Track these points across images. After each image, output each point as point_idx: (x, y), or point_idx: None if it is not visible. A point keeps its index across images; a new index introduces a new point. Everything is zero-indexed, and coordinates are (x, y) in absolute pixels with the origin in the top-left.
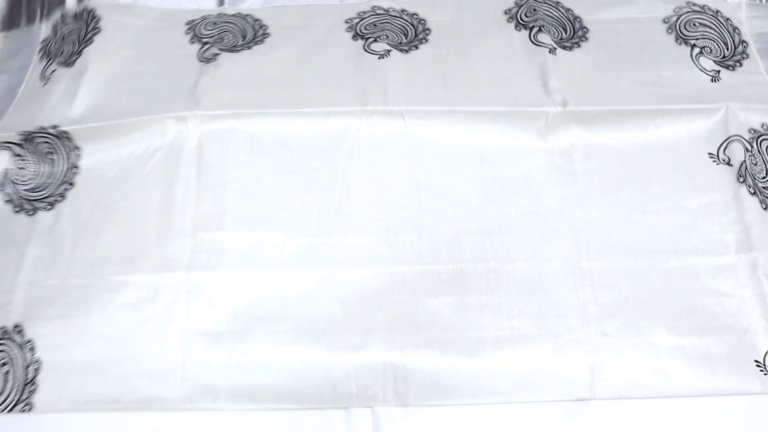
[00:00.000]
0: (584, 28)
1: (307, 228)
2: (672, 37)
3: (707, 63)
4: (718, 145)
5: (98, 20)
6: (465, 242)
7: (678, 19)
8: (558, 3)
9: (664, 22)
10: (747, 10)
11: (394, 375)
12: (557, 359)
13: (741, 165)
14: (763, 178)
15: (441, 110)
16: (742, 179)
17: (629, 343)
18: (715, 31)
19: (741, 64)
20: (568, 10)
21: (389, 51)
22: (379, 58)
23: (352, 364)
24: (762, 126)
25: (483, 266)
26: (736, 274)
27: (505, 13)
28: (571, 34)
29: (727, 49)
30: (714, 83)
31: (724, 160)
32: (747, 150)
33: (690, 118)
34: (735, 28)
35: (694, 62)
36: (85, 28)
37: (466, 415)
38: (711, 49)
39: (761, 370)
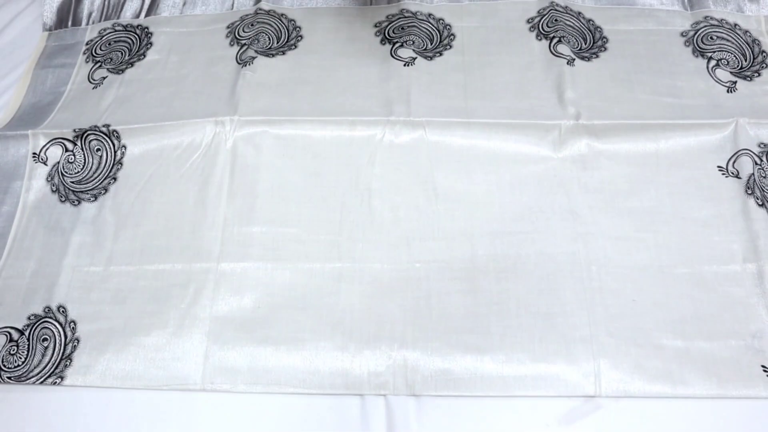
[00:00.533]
0: (604, 38)
1: (329, 226)
2: (689, 50)
3: (723, 74)
4: (728, 159)
5: (151, 36)
6: (478, 243)
7: (696, 33)
8: (579, 14)
9: (682, 35)
10: (766, 22)
11: (404, 365)
12: (564, 357)
13: (749, 178)
14: None
15: (459, 121)
16: (750, 191)
17: (635, 344)
18: (732, 43)
19: (759, 74)
20: (589, 20)
21: (414, 59)
22: (405, 65)
23: (365, 353)
24: None
25: (493, 266)
26: (743, 282)
27: (528, 22)
28: (591, 44)
29: (745, 60)
30: (730, 93)
31: (732, 173)
32: (756, 163)
33: (700, 132)
34: (755, 40)
35: (710, 74)
36: (138, 41)
37: (474, 406)
38: (728, 61)
39: None
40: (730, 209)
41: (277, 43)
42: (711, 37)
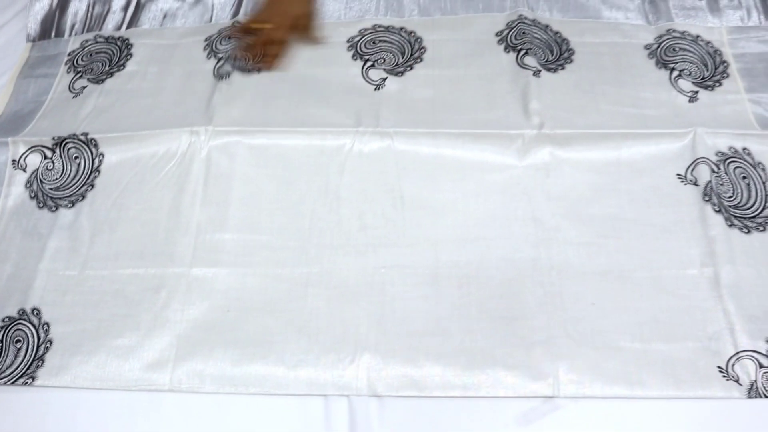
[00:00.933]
0: (570, 50)
1: (299, 233)
2: (653, 61)
3: (686, 84)
4: (686, 167)
5: (131, 47)
6: (442, 250)
7: (659, 46)
8: (547, 26)
9: (646, 48)
10: (727, 33)
11: (367, 367)
12: (523, 359)
13: (707, 185)
14: (730, 197)
15: (426, 131)
16: (707, 198)
17: (593, 346)
18: (695, 54)
19: (720, 84)
20: (556, 33)
21: (385, 79)
22: (375, 89)
23: (329, 356)
24: (729, 149)
25: (456, 272)
26: (701, 286)
27: (497, 35)
28: (558, 55)
29: (707, 70)
30: (691, 103)
31: (691, 181)
32: (713, 171)
33: (660, 141)
34: (716, 50)
35: (672, 84)
36: (118, 53)
37: (435, 407)
38: (690, 72)
39: (724, 376)
40: (688, 215)
41: (253, 60)
42: (674, 49)
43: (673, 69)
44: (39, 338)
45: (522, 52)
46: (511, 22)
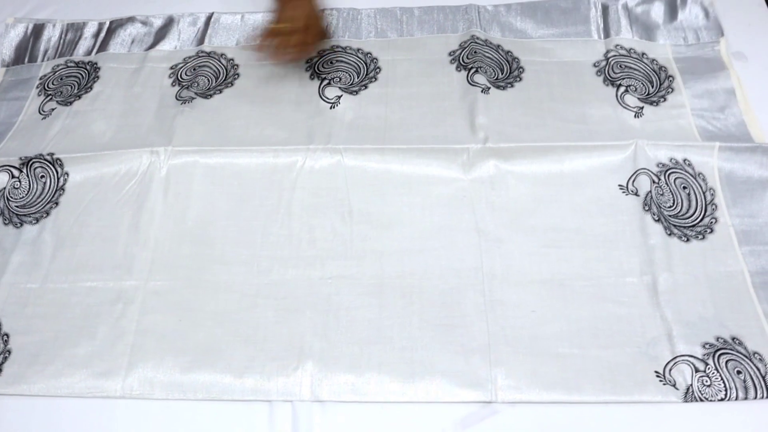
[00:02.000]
0: (520, 68)
1: (251, 246)
2: (600, 79)
3: (632, 100)
4: (627, 178)
5: (99, 70)
6: (387, 261)
7: (607, 62)
8: (499, 46)
9: (594, 65)
10: (673, 51)
11: (311, 374)
12: (462, 365)
13: (647, 195)
14: (670, 207)
15: (375, 148)
16: (647, 208)
17: (532, 353)
18: (640, 71)
19: (665, 99)
20: (508, 51)
21: (340, 97)
22: (330, 108)
23: (275, 363)
24: (670, 160)
25: (399, 282)
26: (640, 294)
27: (449, 54)
28: (507, 74)
29: (652, 87)
30: (637, 119)
31: (632, 191)
32: (654, 182)
33: (602, 153)
34: (661, 67)
35: (618, 101)
36: (87, 75)
37: (376, 411)
38: (636, 88)
39: (661, 381)
40: (629, 225)
41: (215, 82)
42: (620, 66)
43: (619, 86)
44: None
45: (472, 71)
46: (464, 42)
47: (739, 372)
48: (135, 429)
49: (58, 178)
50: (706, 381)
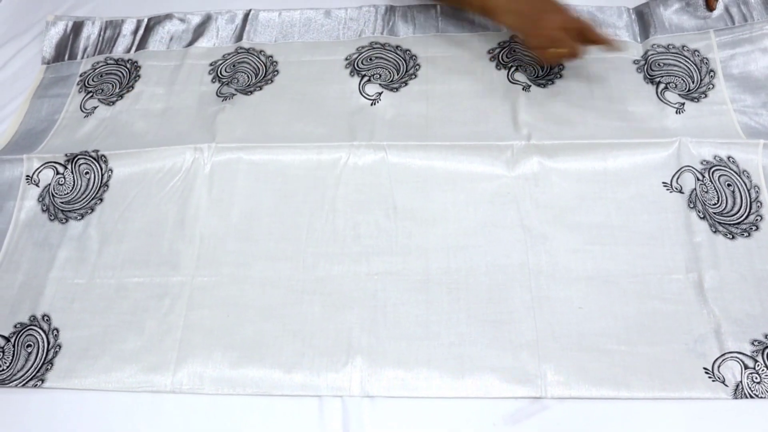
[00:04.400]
0: (561, 65)
1: (296, 243)
2: (641, 76)
3: (672, 97)
4: (672, 175)
5: (139, 69)
6: (432, 257)
7: (646, 61)
8: None
9: (634, 63)
10: (715, 36)
11: (360, 369)
12: (511, 361)
13: (692, 192)
14: (714, 204)
15: (418, 144)
16: (692, 205)
17: (580, 349)
18: (680, 67)
19: (706, 95)
20: None
21: (381, 93)
22: (371, 105)
23: (323, 358)
24: (714, 158)
25: (446, 278)
26: (686, 291)
27: (488, 52)
28: (548, 70)
29: (693, 82)
30: (678, 115)
31: (676, 189)
32: (698, 179)
33: (646, 151)
34: (703, 59)
35: (659, 97)
36: (127, 74)
37: (426, 407)
38: (676, 84)
39: (710, 377)
40: (674, 222)
41: (255, 78)
42: (659, 64)
43: (659, 83)
44: (49, 343)
45: (512, 69)
46: (503, 42)
47: None
48: (184, 424)
49: (102, 175)
50: (756, 378)
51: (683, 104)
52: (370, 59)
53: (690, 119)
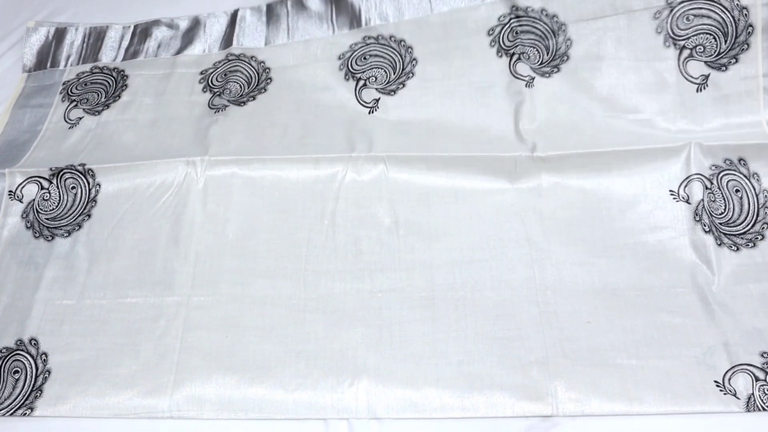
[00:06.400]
0: (569, 40)
1: (296, 260)
2: (661, 37)
3: (695, 67)
4: (679, 183)
5: (126, 78)
6: (437, 273)
7: (670, 13)
8: (543, 10)
9: (655, 17)
10: None
11: (366, 390)
12: (521, 378)
13: (698, 204)
14: (721, 214)
15: (419, 156)
16: (698, 218)
17: (591, 364)
18: (713, 18)
19: (737, 60)
20: (553, 17)
21: (378, 100)
22: (369, 113)
23: (328, 380)
24: (724, 161)
25: (452, 294)
26: (692, 305)
27: (488, 34)
28: (554, 52)
29: (725, 41)
30: (699, 93)
31: (683, 198)
32: (706, 188)
33: (653, 157)
34: (742, 8)
35: (680, 69)
36: (114, 83)
37: (435, 428)
38: (704, 47)
39: (721, 390)
40: (679, 234)
41: (248, 88)
42: (687, 18)
43: (683, 47)
44: (37, 368)
45: (515, 57)
46: (502, 15)
47: None
48: None
49: (90, 189)
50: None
51: (707, 77)
52: (364, 58)
53: (709, 99)
